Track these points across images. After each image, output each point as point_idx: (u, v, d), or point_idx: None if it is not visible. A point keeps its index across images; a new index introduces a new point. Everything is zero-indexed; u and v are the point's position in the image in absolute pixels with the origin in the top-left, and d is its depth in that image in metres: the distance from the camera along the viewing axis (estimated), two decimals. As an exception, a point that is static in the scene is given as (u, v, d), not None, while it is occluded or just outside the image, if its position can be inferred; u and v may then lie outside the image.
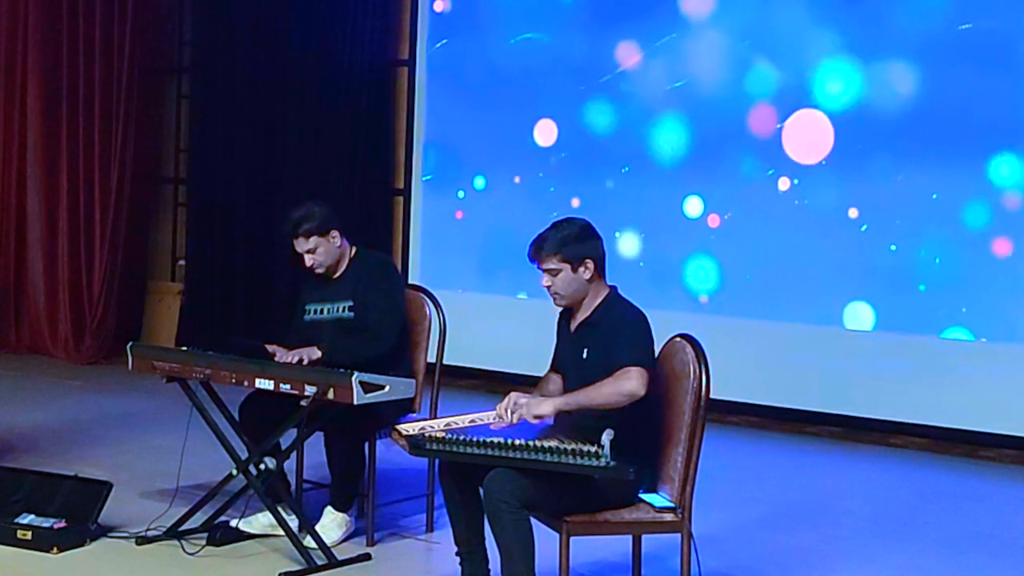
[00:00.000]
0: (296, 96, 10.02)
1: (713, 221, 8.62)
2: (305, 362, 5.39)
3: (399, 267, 8.81)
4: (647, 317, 4.60)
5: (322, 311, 5.74)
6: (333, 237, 5.66)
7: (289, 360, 5.39)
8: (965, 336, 7.80)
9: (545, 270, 4.62)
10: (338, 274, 5.74)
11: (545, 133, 9.30)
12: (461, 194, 9.71)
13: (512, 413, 4.49)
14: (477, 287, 9.55)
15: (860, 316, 8.13)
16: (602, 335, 4.56)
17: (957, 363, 7.80)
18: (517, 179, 9.42)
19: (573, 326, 4.71)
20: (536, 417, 4.43)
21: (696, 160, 8.69)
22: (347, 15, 9.80)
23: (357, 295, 5.65)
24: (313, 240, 5.62)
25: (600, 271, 4.65)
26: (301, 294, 5.89)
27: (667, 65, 8.79)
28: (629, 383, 4.35)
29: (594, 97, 9.09)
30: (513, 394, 4.57)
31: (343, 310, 5.68)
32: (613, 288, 4.70)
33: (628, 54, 8.95)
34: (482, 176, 9.60)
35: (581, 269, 4.59)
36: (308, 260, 5.67)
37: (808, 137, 8.27)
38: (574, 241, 4.59)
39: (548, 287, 4.65)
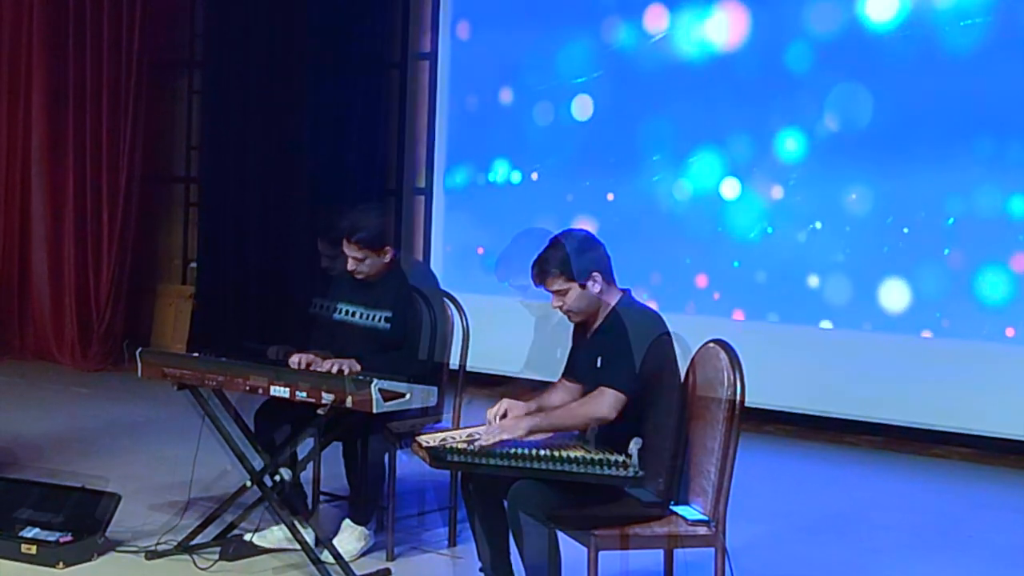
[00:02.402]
0: (311, 91, 10.02)
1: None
2: (346, 372, 5.28)
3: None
4: (660, 319, 4.55)
5: (355, 314, 5.69)
6: (385, 253, 5.61)
7: (328, 369, 5.29)
8: (1011, 340, 7.71)
9: (553, 292, 4.59)
10: (378, 280, 5.65)
11: (582, 108, 9.25)
12: (484, 192, 9.71)
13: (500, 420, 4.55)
14: (501, 290, 9.45)
15: (899, 317, 8.08)
16: (610, 342, 4.54)
17: (1003, 368, 7.72)
18: (535, 176, 9.45)
19: (588, 334, 4.69)
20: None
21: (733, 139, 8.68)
22: (364, 7, 9.82)
23: (397, 309, 5.59)
24: (364, 252, 5.56)
25: (608, 278, 4.61)
26: (331, 288, 5.83)
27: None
28: (599, 408, 4.39)
29: (625, 78, 9.07)
30: (505, 400, 4.58)
31: (380, 320, 5.63)
32: (625, 292, 4.65)
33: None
34: (506, 173, 9.58)
35: (590, 284, 4.56)
36: (351, 264, 5.61)
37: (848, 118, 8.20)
38: (576, 257, 4.55)
39: (559, 307, 4.62)
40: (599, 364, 4.53)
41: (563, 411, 4.47)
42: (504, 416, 4.51)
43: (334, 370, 5.27)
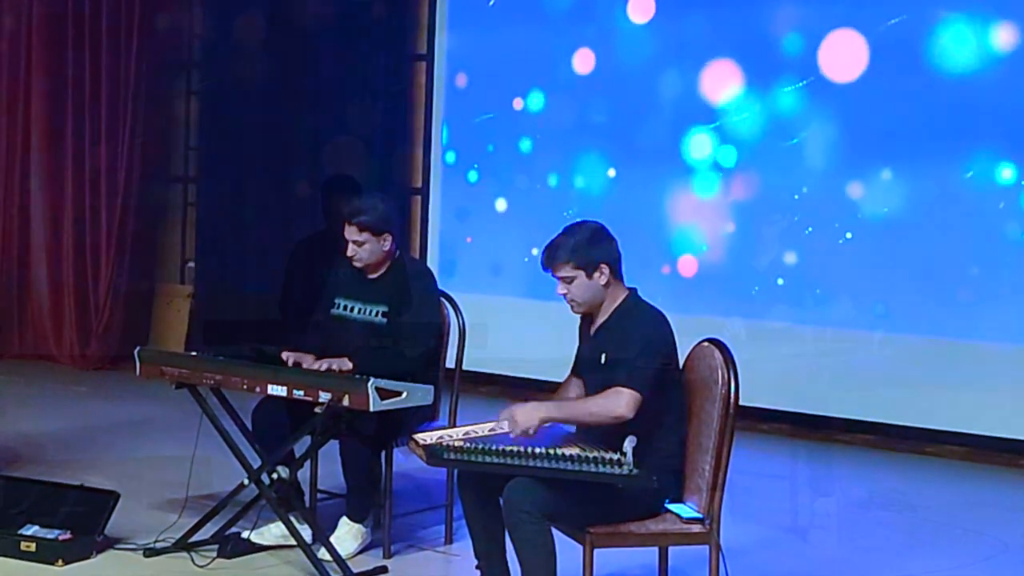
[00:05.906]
0: (310, 92, 10.03)
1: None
2: (336, 370, 5.31)
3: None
4: (666, 320, 4.55)
5: (352, 309, 5.68)
6: (385, 240, 5.60)
7: (318, 368, 5.32)
8: (1003, 341, 7.71)
9: (560, 278, 4.59)
10: (376, 275, 5.66)
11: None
12: (481, 193, 9.69)
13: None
14: (497, 289, 9.51)
15: (892, 320, 8.08)
16: (616, 340, 4.53)
17: (994, 369, 7.72)
18: (537, 179, 9.43)
19: (592, 330, 4.68)
20: (524, 429, 4.40)
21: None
22: (362, 9, 9.81)
23: (394, 304, 5.59)
24: (365, 235, 5.55)
25: (616, 274, 4.60)
26: (329, 283, 5.81)
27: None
28: (618, 407, 4.34)
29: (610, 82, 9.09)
30: (516, 405, 4.55)
31: (376, 315, 5.61)
32: (632, 291, 4.65)
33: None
34: (500, 176, 9.58)
35: (596, 275, 4.55)
36: (351, 249, 5.60)
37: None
38: (586, 246, 4.55)
39: (564, 295, 4.62)
40: (603, 360, 4.52)
41: (579, 405, 4.45)
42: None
43: (323, 368, 5.30)
